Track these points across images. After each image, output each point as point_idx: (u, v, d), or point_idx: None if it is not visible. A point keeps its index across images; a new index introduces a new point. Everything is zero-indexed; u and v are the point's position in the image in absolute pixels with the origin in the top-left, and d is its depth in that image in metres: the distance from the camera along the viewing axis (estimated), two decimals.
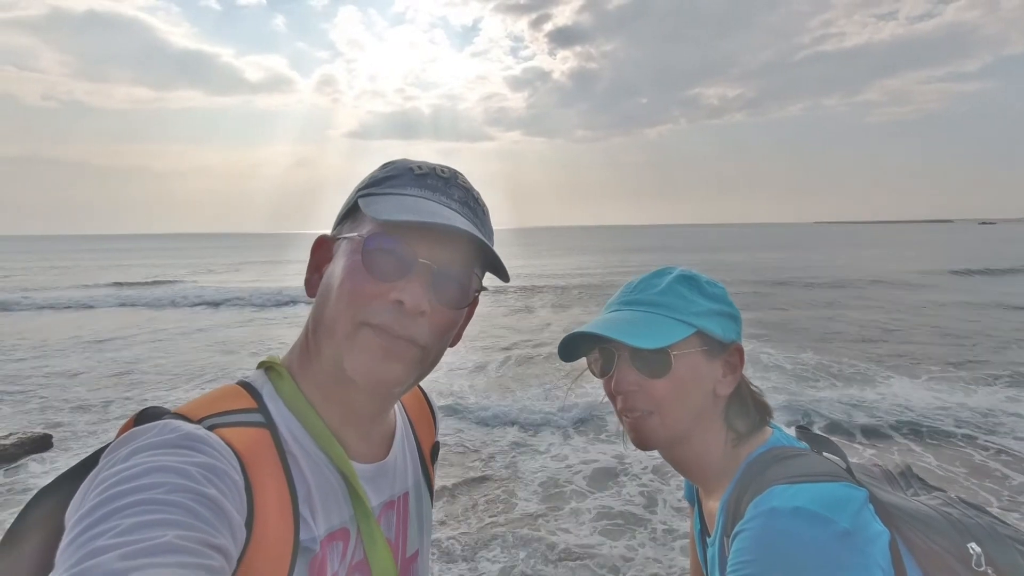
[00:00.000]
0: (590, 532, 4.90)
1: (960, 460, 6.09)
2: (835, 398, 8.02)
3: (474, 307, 0.83)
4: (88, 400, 8.67)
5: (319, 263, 0.81)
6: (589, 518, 5.12)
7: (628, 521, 5.05)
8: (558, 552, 4.56)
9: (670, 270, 1.02)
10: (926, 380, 8.96)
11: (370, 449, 0.81)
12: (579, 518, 5.11)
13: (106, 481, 0.55)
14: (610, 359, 0.97)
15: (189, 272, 35.55)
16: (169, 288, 24.64)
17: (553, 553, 4.54)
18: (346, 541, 0.73)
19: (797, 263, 33.65)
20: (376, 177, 0.79)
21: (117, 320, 17.08)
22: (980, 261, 30.10)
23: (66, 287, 26.06)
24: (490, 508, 5.31)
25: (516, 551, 4.57)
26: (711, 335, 0.95)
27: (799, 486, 0.79)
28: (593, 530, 4.93)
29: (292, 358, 0.79)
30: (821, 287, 21.58)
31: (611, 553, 4.54)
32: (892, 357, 10.60)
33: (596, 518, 5.12)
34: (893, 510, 0.83)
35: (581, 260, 42.22)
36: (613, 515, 5.15)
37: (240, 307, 19.81)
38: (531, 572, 4.29)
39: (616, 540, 4.75)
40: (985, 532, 0.83)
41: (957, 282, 22.81)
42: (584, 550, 4.58)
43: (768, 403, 1.01)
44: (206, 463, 0.59)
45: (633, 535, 4.82)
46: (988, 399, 7.84)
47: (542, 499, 5.47)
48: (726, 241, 76.41)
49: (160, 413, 0.65)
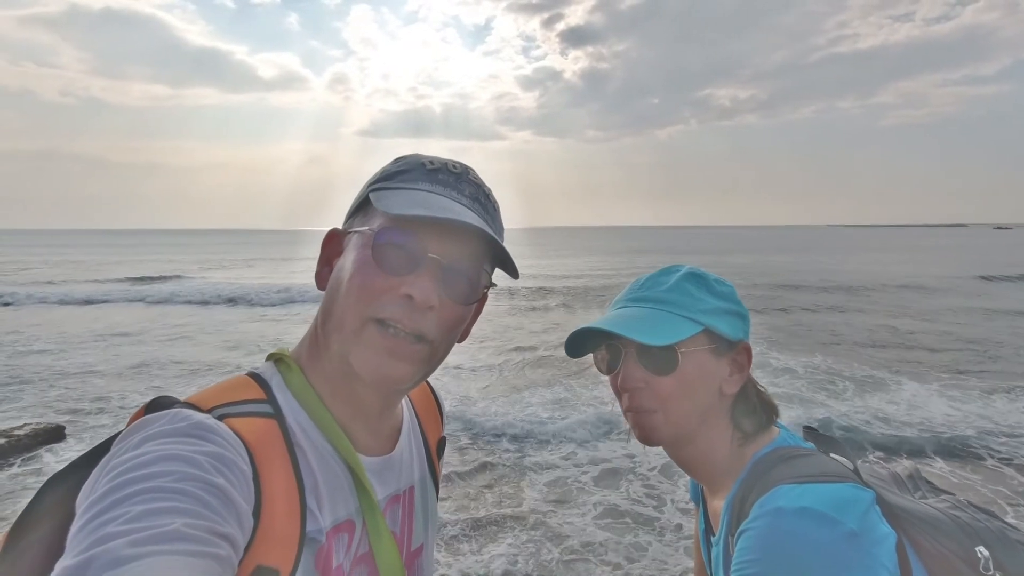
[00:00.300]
0: (596, 528, 4.91)
1: (973, 467, 6.02)
2: (846, 405, 7.94)
3: (483, 303, 0.83)
4: (103, 394, 8.77)
5: (330, 256, 0.82)
6: (594, 515, 5.13)
7: (635, 520, 5.04)
8: (564, 548, 4.57)
9: (678, 268, 1.01)
10: (939, 387, 8.84)
11: (377, 442, 0.82)
12: (585, 515, 5.11)
13: (117, 468, 0.56)
14: (617, 356, 0.97)
15: (200, 268, 35.65)
16: (178, 284, 24.52)
17: (560, 547, 4.56)
18: (352, 533, 0.74)
19: (808, 266, 33.25)
20: (388, 171, 0.79)
21: (127, 315, 17.18)
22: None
23: (81, 280, 26.23)
24: (499, 502, 5.33)
25: (524, 544, 4.59)
26: (718, 333, 0.94)
27: (805, 486, 0.79)
28: (599, 527, 4.93)
29: (301, 351, 0.80)
30: (834, 291, 21.32)
31: (617, 550, 4.55)
32: (904, 363, 10.47)
33: (602, 515, 5.13)
34: (900, 512, 0.82)
35: (591, 260, 42.12)
36: (620, 513, 5.15)
37: (249, 305, 19.67)
38: (536, 568, 4.30)
39: (622, 537, 4.75)
40: (994, 536, 0.82)
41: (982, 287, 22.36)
42: (588, 547, 4.59)
43: (775, 402, 1.00)
44: (215, 452, 0.60)
45: (637, 534, 4.81)
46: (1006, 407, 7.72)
47: (549, 496, 5.48)
48: (737, 243, 75.76)
49: (171, 402, 0.66)
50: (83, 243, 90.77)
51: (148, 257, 49.83)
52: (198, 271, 32.77)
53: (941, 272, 28.16)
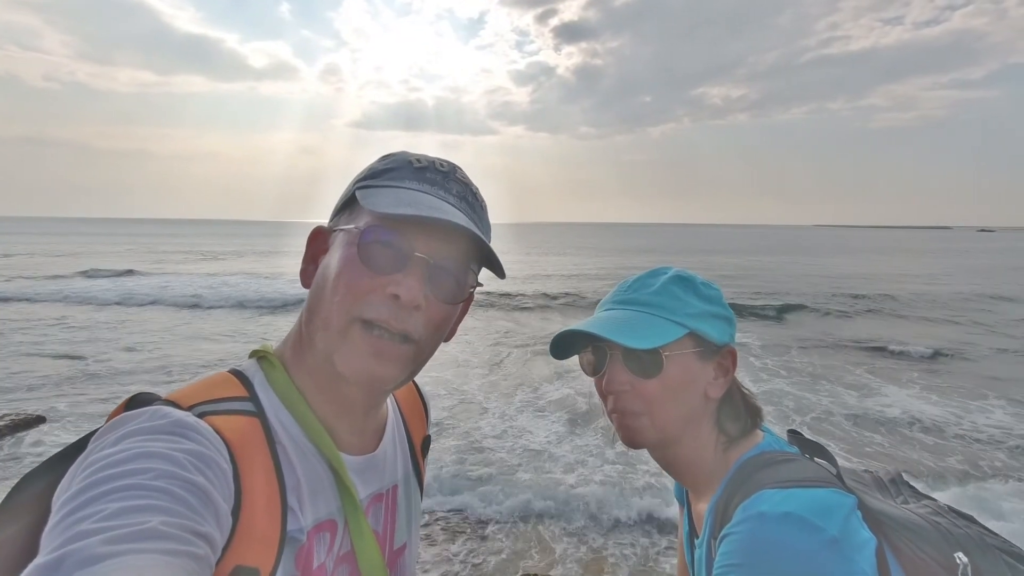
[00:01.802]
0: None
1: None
2: (831, 403, 8.03)
3: (469, 302, 0.83)
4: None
5: (315, 254, 0.81)
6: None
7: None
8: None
9: (665, 270, 1.01)
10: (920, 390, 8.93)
11: (360, 441, 0.81)
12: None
13: (93, 465, 0.55)
14: (602, 358, 0.97)
15: (156, 263, 32.36)
16: (113, 282, 21.88)
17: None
18: (333, 532, 0.74)
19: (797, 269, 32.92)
20: (375, 169, 0.79)
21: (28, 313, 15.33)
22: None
23: (12, 277, 23.66)
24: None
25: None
26: (704, 337, 0.94)
27: (789, 491, 0.79)
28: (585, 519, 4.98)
29: (285, 348, 0.79)
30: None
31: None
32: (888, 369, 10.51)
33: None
34: (882, 517, 0.83)
35: (586, 258, 41.66)
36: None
37: (193, 309, 17.02)
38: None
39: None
40: (973, 542, 0.83)
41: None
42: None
43: (760, 406, 1.00)
44: (194, 450, 0.59)
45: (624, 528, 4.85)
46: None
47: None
48: (727, 243, 75.67)
49: (151, 399, 0.66)
50: (57, 231, 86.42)
51: (116, 248, 46.52)
52: (151, 266, 29.81)
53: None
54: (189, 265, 32.16)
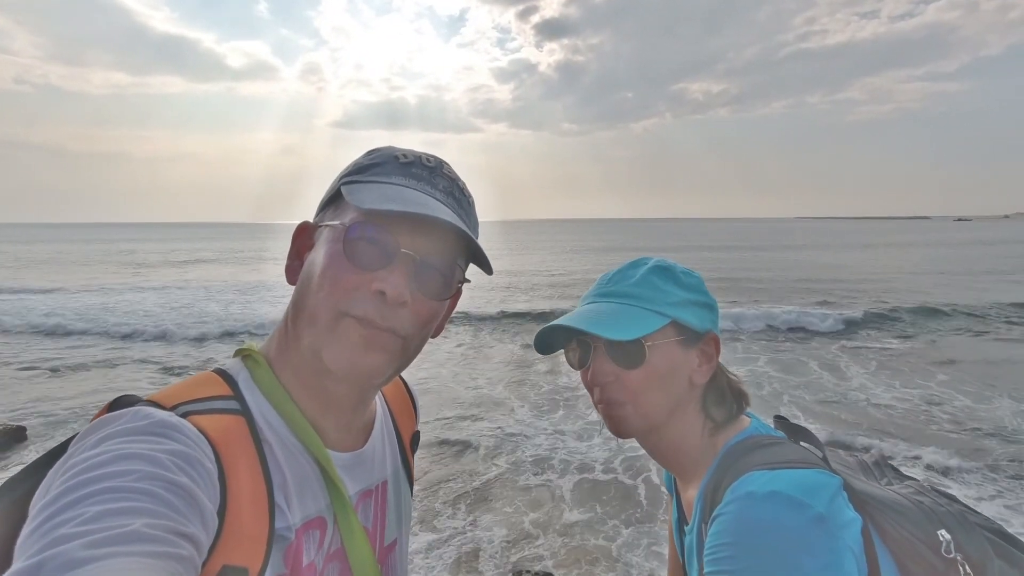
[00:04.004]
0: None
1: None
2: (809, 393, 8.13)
3: (456, 299, 0.82)
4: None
5: (300, 250, 0.80)
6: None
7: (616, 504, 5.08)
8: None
9: (645, 261, 1.02)
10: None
11: (348, 438, 0.81)
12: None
13: (73, 468, 0.53)
14: (587, 351, 0.98)
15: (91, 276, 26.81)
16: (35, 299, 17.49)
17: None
18: (323, 530, 0.73)
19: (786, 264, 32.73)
20: (360, 164, 0.78)
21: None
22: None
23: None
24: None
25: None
26: (686, 325, 0.95)
27: (776, 472, 0.80)
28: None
29: (271, 346, 0.78)
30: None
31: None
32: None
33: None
34: (866, 498, 0.84)
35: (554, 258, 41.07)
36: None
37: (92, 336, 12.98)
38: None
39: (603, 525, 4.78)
40: (955, 520, 0.85)
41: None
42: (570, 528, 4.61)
43: (746, 390, 1.01)
44: (178, 451, 0.58)
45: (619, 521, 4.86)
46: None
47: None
48: (712, 237, 75.15)
49: (133, 401, 0.64)
50: (23, 239, 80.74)
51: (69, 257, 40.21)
52: (82, 282, 24.09)
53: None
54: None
